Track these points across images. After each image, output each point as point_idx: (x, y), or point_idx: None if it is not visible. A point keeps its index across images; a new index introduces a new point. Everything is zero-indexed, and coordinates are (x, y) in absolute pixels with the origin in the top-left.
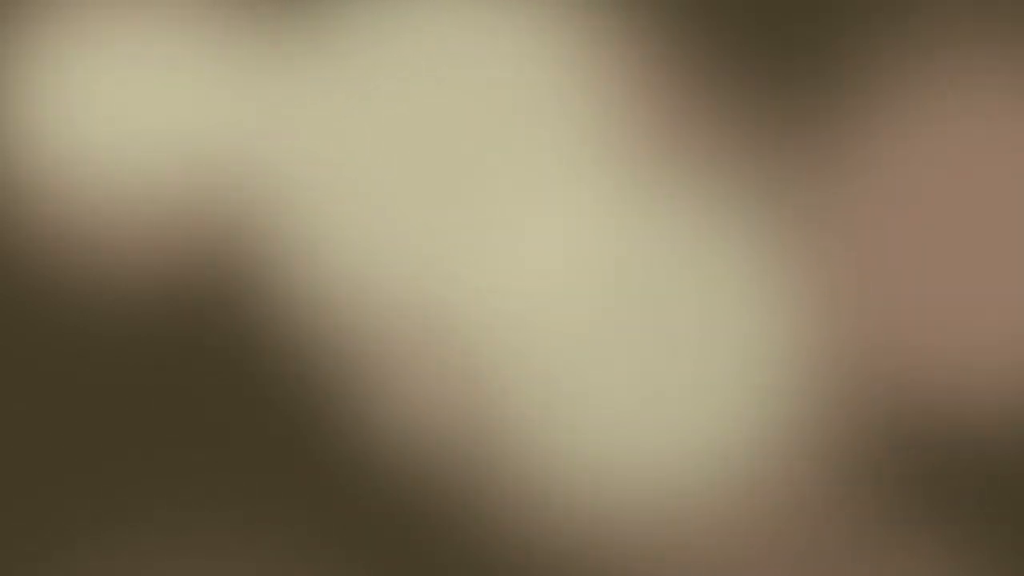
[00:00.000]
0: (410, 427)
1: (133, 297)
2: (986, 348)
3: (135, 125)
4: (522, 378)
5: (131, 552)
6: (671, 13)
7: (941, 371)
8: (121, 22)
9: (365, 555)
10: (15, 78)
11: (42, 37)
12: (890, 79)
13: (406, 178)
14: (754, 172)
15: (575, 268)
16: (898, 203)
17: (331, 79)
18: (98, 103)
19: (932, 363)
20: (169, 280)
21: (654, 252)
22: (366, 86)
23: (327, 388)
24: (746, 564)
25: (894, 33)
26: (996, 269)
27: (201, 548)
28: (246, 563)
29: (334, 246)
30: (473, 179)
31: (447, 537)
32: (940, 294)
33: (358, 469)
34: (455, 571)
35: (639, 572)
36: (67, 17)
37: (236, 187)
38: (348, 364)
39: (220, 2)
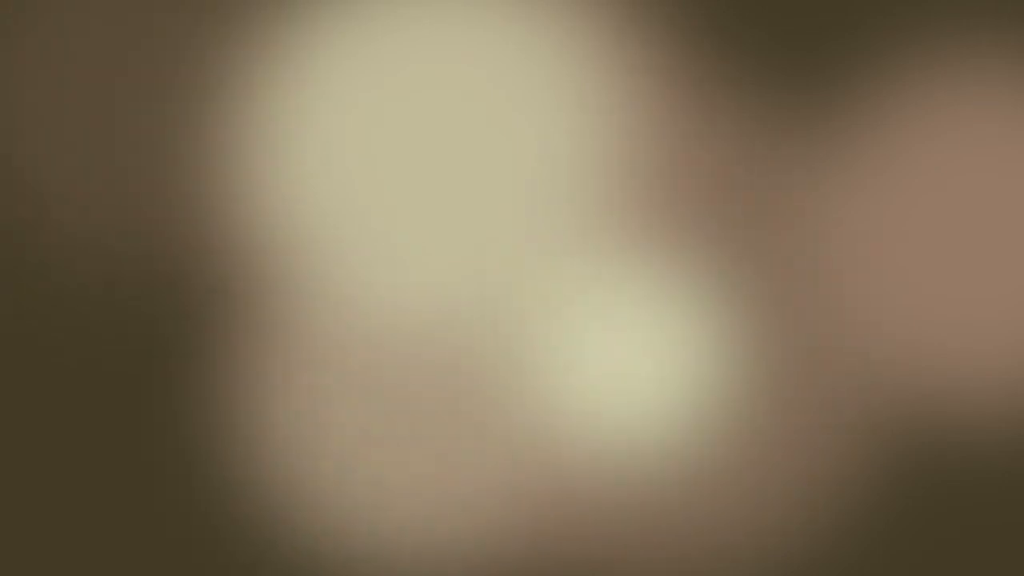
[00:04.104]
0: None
1: (128, 295)
2: (986, 348)
3: (131, 126)
4: (521, 379)
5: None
6: (672, 12)
7: (941, 371)
8: (113, 24)
9: None
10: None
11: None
12: (891, 79)
13: (403, 179)
14: (754, 171)
15: (575, 267)
16: (898, 202)
17: (328, 79)
18: (97, 102)
19: (932, 363)
20: (163, 284)
21: (655, 249)
22: (363, 85)
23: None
24: (744, 563)
25: (896, 32)
26: (997, 269)
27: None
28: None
29: (332, 249)
30: (472, 179)
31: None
32: (940, 294)
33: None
34: None
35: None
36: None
37: (234, 193)
38: (351, 365)
39: (220, 2)
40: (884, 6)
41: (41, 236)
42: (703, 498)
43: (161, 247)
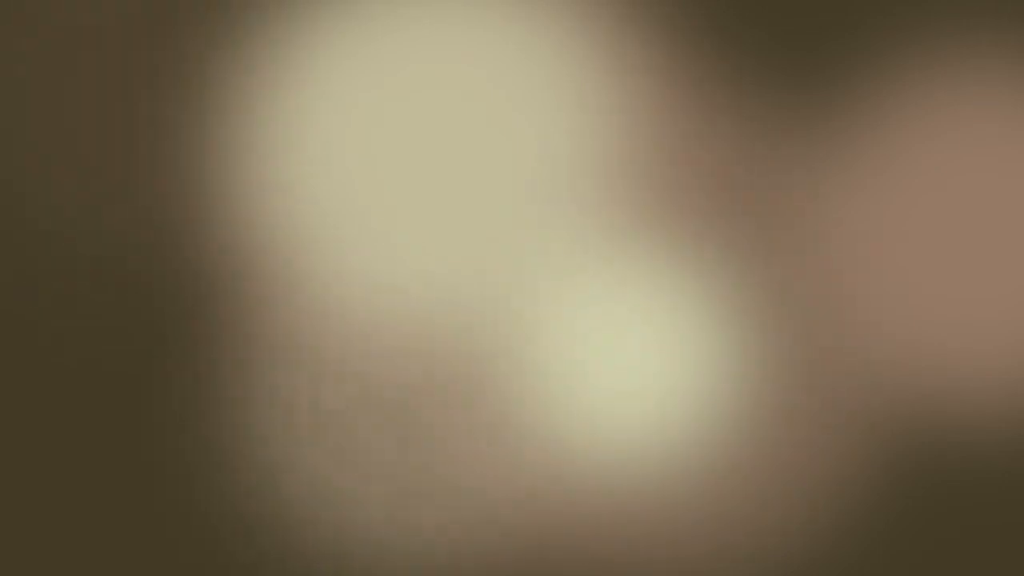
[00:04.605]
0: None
1: (128, 295)
2: (986, 348)
3: (131, 126)
4: (522, 378)
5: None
6: (671, 12)
7: (941, 371)
8: (114, 24)
9: None
10: None
11: None
12: (891, 79)
13: (403, 179)
14: (754, 171)
15: (575, 267)
16: (898, 202)
17: (328, 79)
18: (97, 102)
19: (932, 363)
20: (164, 284)
21: (655, 249)
22: (363, 85)
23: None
24: (744, 563)
25: (896, 32)
26: (997, 269)
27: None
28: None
29: (332, 249)
30: (472, 179)
31: None
32: (940, 294)
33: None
34: None
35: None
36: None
37: (235, 193)
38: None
39: (220, 3)
40: (884, 6)
41: (42, 237)
42: (703, 498)
43: (162, 247)
